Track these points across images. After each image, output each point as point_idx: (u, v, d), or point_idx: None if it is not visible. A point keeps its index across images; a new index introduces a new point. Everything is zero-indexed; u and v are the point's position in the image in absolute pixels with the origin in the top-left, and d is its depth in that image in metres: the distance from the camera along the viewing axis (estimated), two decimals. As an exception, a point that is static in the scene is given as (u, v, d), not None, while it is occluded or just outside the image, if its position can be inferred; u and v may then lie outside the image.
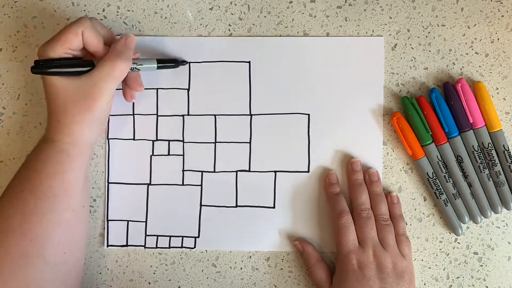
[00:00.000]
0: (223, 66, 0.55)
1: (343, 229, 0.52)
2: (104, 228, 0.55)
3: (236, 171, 0.55)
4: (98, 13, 0.55)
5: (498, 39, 0.55)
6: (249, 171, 0.55)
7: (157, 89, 0.55)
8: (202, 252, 0.55)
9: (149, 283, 0.55)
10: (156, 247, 0.55)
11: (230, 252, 0.55)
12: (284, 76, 0.55)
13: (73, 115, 0.47)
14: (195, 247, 0.55)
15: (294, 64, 0.55)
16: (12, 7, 0.56)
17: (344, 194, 0.54)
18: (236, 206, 0.55)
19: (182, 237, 0.55)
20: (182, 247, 0.55)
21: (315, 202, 0.55)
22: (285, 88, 0.55)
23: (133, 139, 0.55)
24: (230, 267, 0.55)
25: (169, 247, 0.55)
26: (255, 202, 0.55)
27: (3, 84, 0.56)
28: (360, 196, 0.53)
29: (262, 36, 0.55)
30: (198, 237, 0.55)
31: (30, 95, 0.56)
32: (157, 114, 0.55)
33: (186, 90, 0.55)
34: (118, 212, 0.55)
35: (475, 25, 0.55)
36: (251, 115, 0.55)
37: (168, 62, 0.53)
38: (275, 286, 0.55)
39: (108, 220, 0.55)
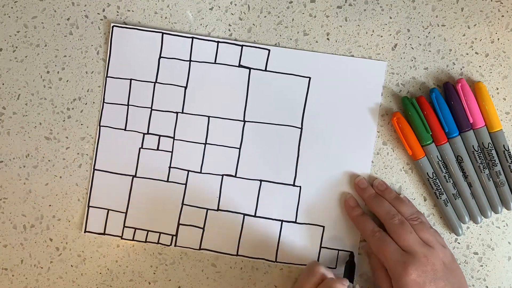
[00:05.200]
0: (223, 69, 0.55)
1: (381, 243, 0.50)
2: (84, 214, 0.55)
3: (222, 175, 0.55)
4: (98, 13, 0.55)
5: (498, 39, 0.55)
6: (235, 176, 0.55)
7: (154, 82, 0.55)
8: (202, 252, 0.55)
9: (149, 283, 0.55)
10: (133, 240, 0.55)
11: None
12: (282, 87, 0.55)
13: None
14: (171, 244, 0.55)
15: (292, 76, 0.55)
16: (12, 7, 0.56)
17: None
18: (218, 209, 0.55)
19: (160, 233, 0.55)
20: (158, 243, 0.55)
21: (296, 217, 0.55)
22: (281, 99, 0.55)
23: (125, 129, 0.55)
24: (230, 267, 0.55)
25: (146, 241, 0.55)
26: (237, 208, 0.55)
27: (3, 84, 0.56)
28: (382, 206, 0.52)
29: (265, 45, 0.55)
30: (176, 235, 0.55)
31: (30, 95, 0.56)
32: (151, 107, 0.55)
33: (183, 88, 0.55)
34: (100, 199, 0.55)
35: (475, 25, 0.55)
36: (244, 121, 0.55)
37: (351, 270, 0.53)
38: (275, 286, 0.55)
39: (89, 206, 0.55)
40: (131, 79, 0.55)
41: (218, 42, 0.55)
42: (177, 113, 0.55)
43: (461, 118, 0.53)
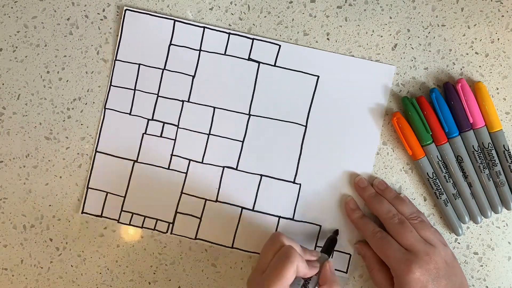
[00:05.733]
0: (232, 61, 0.55)
1: (382, 243, 0.50)
2: (83, 195, 0.55)
3: (223, 167, 0.55)
4: (98, 13, 0.55)
5: (498, 39, 0.55)
6: (236, 169, 0.55)
7: (162, 69, 0.55)
8: (202, 252, 0.55)
9: (149, 283, 0.55)
10: (129, 224, 0.55)
11: (231, 252, 0.55)
12: (290, 83, 0.55)
13: None
14: (167, 232, 0.55)
15: (301, 74, 0.55)
16: (12, 7, 0.56)
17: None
18: (216, 201, 0.55)
19: (157, 219, 0.55)
20: (154, 229, 0.55)
21: (294, 214, 0.55)
22: (288, 96, 0.55)
23: (129, 113, 0.55)
24: (230, 267, 0.55)
25: (142, 227, 0.55)
26: (236, 201, 0.55)
27: (3, 84, 0.56)
28: (382, 205, 0.52)
29: (274, 39, 0.55)
30: (173, 223, 0.55)
31: (30, 95, 0.56)
32: (158, 94, 0.55)
33: (191, 77, 0.55)
34: (99, 182, 0.55)
35: (475, 25, 0.55)
36: (249, 115, 0.55)
37: (330, 245, 0.53)
38: (275, 286, 0.55)
39: (88, 188, 0.55)
40: (139, 64, 0.55)
41: (229, 33, 0.55)
42: (183, 101, 0.55)
43: (461, 118, 0.53)
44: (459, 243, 0.55)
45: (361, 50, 0.55)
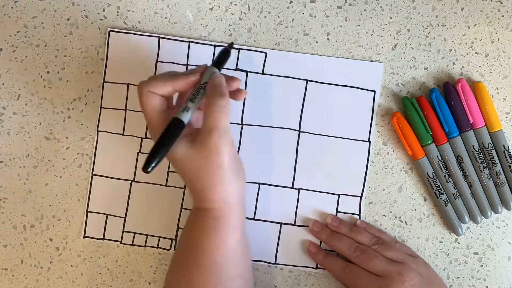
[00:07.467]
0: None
1: (353, 277, 0.50)
2: (83, 219, 0.55)
3: None
4: (98, 13, 0.55)
5: (498, 39, 0.55)
6: None
7: None
8: (202, 252, 0.55)
9: (149, 283, 0.55)
10: (132, 244, 0.55)
11: (230, 252, 0.55)
12: (279, 90, 0.55)
13: (209, 177, 0.45)
14: (170, 248, 0.55)
15: (289, 79, 0.55)
16: (12, 7, 0.56)
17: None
18: None
19: (159, 237, 0.55)
20: (158, 247, 0.55)
21: (295, 219, 0.55)
22: (278, 102, 0.55)
23: (122, 134, 0.55)
24: (230, 267, 0.55)
25: (145, 246, 0.55)
26: None
27: (3, 84, 0.56)
28: (341, 243, 0.52)
29: (262, 48, 0.55)
30: (176, 239, 0.55)
31: (30, 95, 0.56)
32: None
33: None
34: (99, 204, 0.55)
35: (475, 25, 0.55)
36: (242, 124, 0.55)
37: (222, 59, 0.49)
38: (275, 286, 0.55)
39: (88, 212, 0.55)
40: (128, 84, 0.55)
41: (215, 46, 0.55)
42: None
43: (461, 118, 0.53)
44: (459, 243, 0.55)
45: (361, 50, 0.55)
